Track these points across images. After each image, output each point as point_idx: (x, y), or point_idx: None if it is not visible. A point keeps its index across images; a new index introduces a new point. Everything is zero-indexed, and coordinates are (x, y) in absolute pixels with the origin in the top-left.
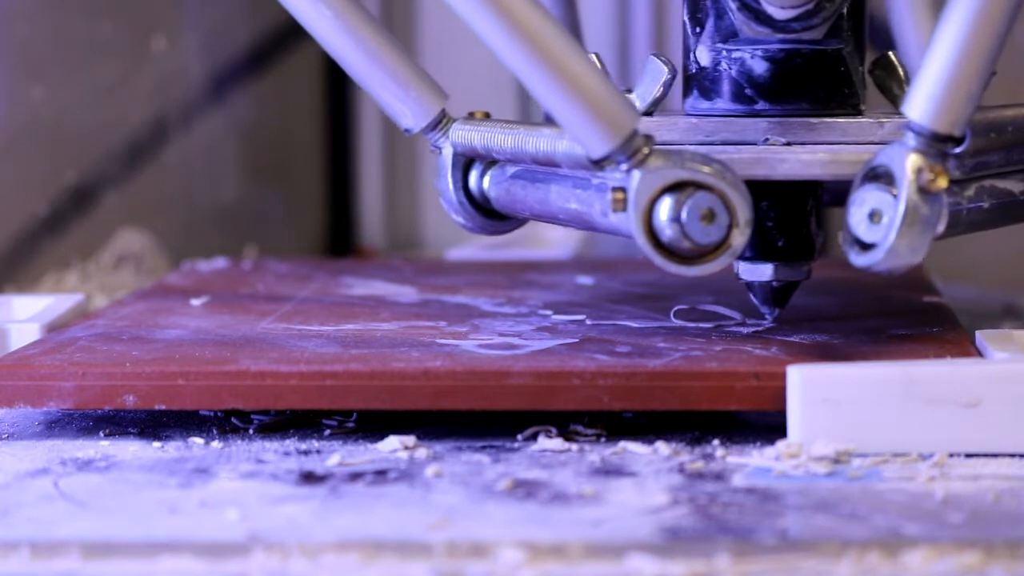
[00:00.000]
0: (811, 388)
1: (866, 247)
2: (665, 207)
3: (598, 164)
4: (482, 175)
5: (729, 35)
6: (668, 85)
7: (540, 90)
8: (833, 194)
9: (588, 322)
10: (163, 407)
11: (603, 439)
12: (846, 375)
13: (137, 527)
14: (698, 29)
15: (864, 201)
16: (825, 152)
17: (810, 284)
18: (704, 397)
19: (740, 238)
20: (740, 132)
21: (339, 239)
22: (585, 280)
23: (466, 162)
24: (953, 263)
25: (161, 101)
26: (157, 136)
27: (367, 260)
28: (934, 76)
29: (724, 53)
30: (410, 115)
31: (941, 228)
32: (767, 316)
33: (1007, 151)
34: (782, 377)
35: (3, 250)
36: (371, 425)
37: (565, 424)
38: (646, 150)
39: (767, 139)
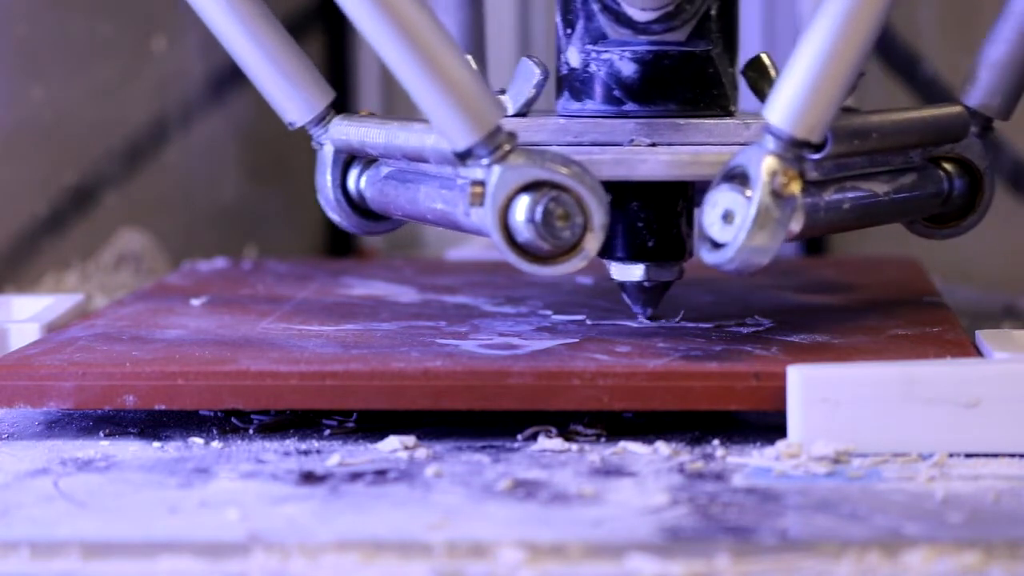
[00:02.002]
0: (811, 388)
1: (718, 245)
2: (522, 205)
3: (461, 158)
4: (360, 175)
5: (598, 37)
6: (540, 86)
7: (408, 79)
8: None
9: (588, 322)
10: (163, 407)
11: (603, 439)
12: (846, 375)
13: (137, 527)
14: (569, 31)
15: (717, 202)
16: (686, 153)
17: (810, 284)
18: (704, 397)
19: (593, 242)
20: (608, 133)
21: (339, 239)
22: (585, 280)
23: (347, 161)
24: (953, 263)
25: (161, 101)
26: (157, 136)
27: (367, 260)
28: (796, 82)
29: (593, 55)
30: (295, 109)
31: (796, 229)
32: (640, 316)
33: (871, 156)
34: (782, 377)
35: (3, 250)
36: (371, 425)
37: (565, 424)
38: (507, 147)
39: (632, 140)
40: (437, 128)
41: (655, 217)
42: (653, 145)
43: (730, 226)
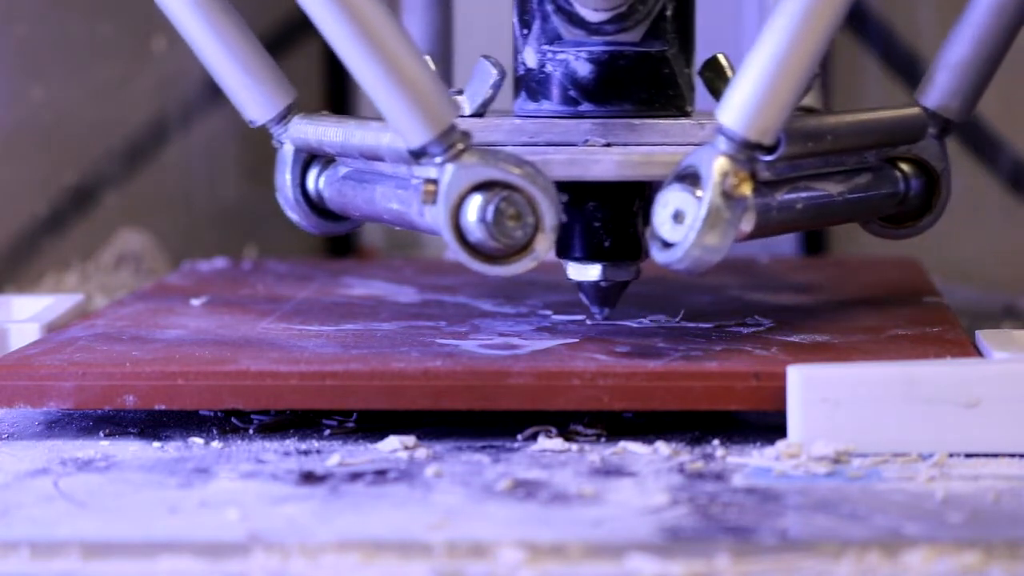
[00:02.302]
0: (811, 388)
1: (668, 245)
2: (474, 205)
3: (415, 156)
4: (319, 175)
5: (554, 37)
6: (497, 86)
7: (364, 75)
8: None
9: (588, 322)
10: (163, 407)
11: (603, 439)
12: (846, 375)
13: (137, 527)
14: (526, 31)
15: (668, 202)
16: (639, 153)
17: (810, 284)
18: (704, 397)
19: (544, 243)
20: (564, 133)
21: (339, 239)
22: None
23: (307, 160)
24: (953, 263)
25: (161, 101)
26: (157, 136)
27: (367, 260)
28: (749, 84)
29: (549, 55)
30: (255, 107)
31: (747, 229)
32: (597, 316)
33: (825, 156)
34: (782, 377)
35: (3, 250)
36: (371, 425)
37: (565, 424)
38: (461, 146)
39: (587, 140)
40: (392, 125)
41: (611, 217)
42: (608, 145)
43: (680, 226)
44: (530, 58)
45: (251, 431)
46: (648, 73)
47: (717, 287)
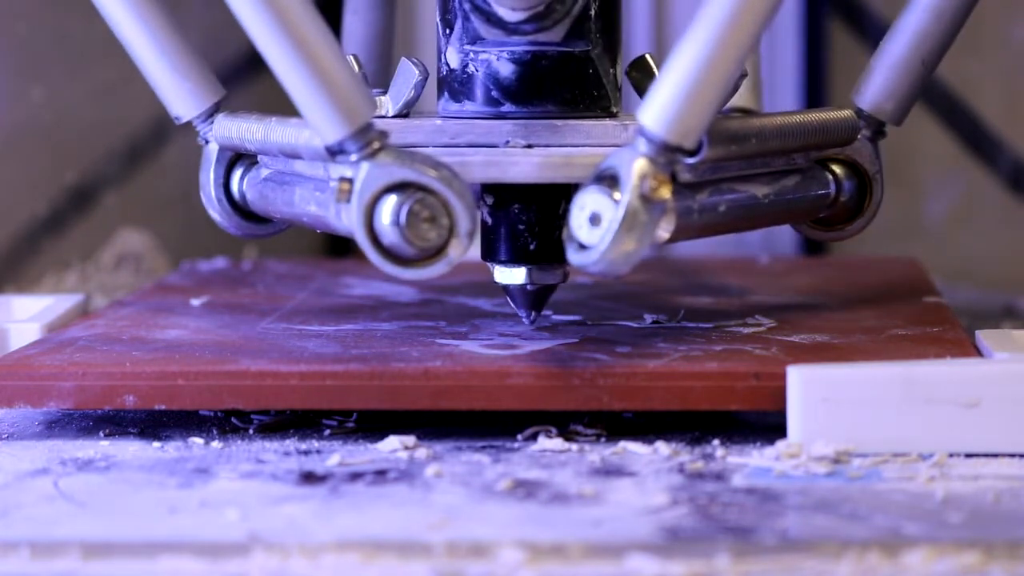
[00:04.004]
0: (811, 388)
1: (585, 247)
2: (388, 206)
3: (331, 153)
4: (243, 176)
5: (476, 37)
6: (420, 87)
7: (281, 69)
8: None
9: (588, 322)
10: (163, 407)
11: (603, 439)
12: (846, 375)
13: (137, 527)
14: (448, 31)
15: (585, 204)
16: (559, 155)
17: (810, 284)
18: (704, 397)
19: (458, 248)
20: (485, 135)
21: (339, 239)
22: (585, 280)
23: (233, 160)
24: (953, 263)
25: (161, 101)
26: (157, 136)
27: (367, 260)
28: (671, 84)
29: (472, 55)
30: (181, 103)
31: (666, 233)
32: (525, 320)
33: (750, 159)
34: (782, 377)
35: (3, 250)
36: (371, 425)
37: (565, 424)
38: (377, 144)
39: (508, 142)
40: (308, 121)
41: (536, 220)
42: (529, 147)
43: (597, 228)
44: (452, 58)
45: (251, 431)
46: (571, 73)
47: (717, 287)
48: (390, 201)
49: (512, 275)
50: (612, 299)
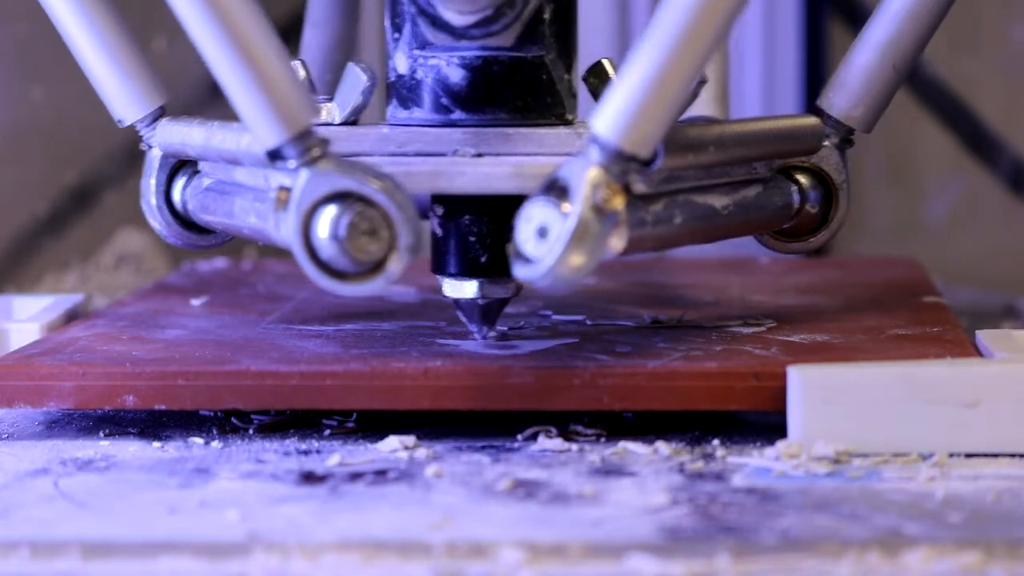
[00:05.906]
0: (811, 388)
1: (530, 260)
2: (326, 217)
3: (270, 158)
4: (186, 185)
5: (425, 42)
6: (368, 93)
7: (220, 70)
8: None
9: (588, 322)
10: (163, 407)
11: (603, 439)
12: (846, 375)
13: (137, 527)
14: (397, 35)
15: (532, 216)
16: (508, 164)
17: (810, 284)
18: (704, 397)
19: (397, 264)
20: (434, 143)
21: None
22: (585, 280)
23: (176, 168)
24: (953, 263)
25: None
26: None
27: None
28: (626, 91)
29: (421, 60)
30: (124, 106)
31: (620, 246)
32: (477, 336)
33: (708, 169)
34: (782, 377)
35: (3, 250)
36: (371, 425)
37: (565, 424)
38: (318, 151)
39: (457, 150)
40: (246, 122)
41: (488, 232)
42: (479, 156)
43: (544, 241)
44: (401, 64)
45: (251, 431)
46: (523, 79)
47: (717, 287)
48: (328, 212)
49: (462, 288)
50: (612, 299)
